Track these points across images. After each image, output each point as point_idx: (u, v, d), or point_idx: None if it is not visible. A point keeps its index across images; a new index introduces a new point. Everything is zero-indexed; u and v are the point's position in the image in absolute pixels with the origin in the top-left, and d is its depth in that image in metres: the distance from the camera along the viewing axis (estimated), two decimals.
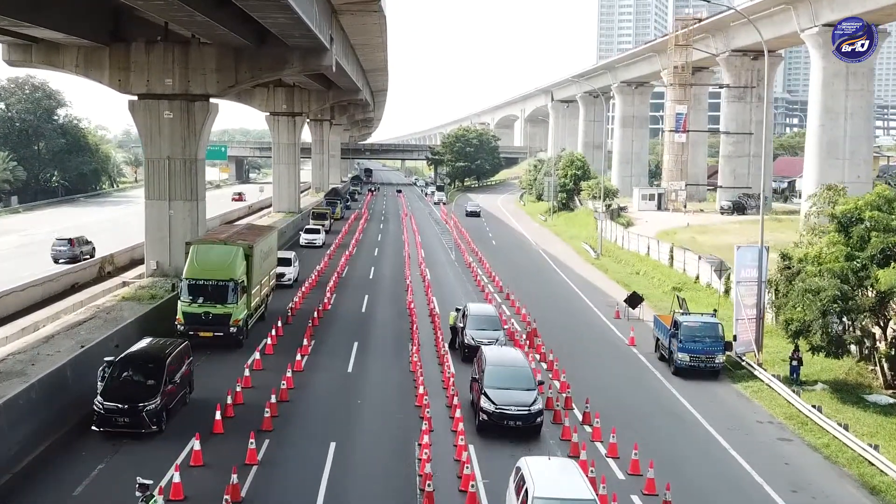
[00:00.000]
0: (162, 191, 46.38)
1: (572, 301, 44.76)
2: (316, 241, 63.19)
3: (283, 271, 43.07)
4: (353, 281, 47.90)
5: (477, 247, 66.61)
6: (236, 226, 39.77)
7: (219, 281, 29.53)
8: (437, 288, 45.66)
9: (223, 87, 46.41)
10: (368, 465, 20.67)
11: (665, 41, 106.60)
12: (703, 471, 21.39)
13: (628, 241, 62.84)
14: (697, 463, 21.91)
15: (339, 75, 69.06)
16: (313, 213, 77.03)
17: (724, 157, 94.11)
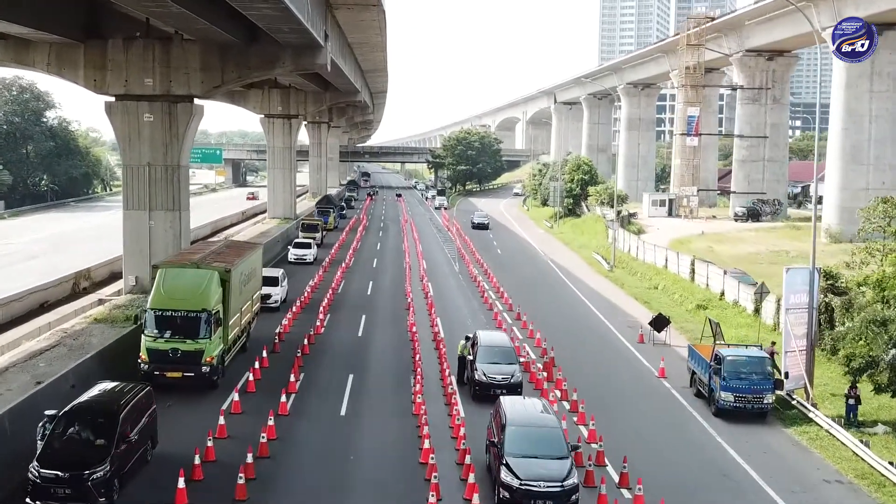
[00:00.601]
0: (141, 200, 42.70)
1: (589, 321, 40.93)
2: (306, 257, 56.31)
3: (269, 292, 38.32)
4: (349, 299, 43.99)
5: (481, 256, 62.81)
6: (213, 243, 35.17)
7: (189, 312, 25.27)
8: (441, 306, 41.85)
9: (208, 88, 42.69)
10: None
11: (675, 41, 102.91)
12: None
13: (643, 251, 59.02)
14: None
15: (336, 75, 65.31)
16: (302, 225, 68.51)
17: (737, 162, 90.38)
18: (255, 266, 32.19)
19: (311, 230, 66.38)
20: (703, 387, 27.29)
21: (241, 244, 32.88)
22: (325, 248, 64.01)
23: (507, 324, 37.99)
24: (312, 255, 57.02)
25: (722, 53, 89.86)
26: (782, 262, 60.41)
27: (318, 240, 64.30)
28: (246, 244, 33.38)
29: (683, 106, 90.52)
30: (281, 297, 40.07)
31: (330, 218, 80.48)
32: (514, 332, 36.03)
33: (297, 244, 58.43)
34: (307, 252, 56.78)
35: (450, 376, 28.39)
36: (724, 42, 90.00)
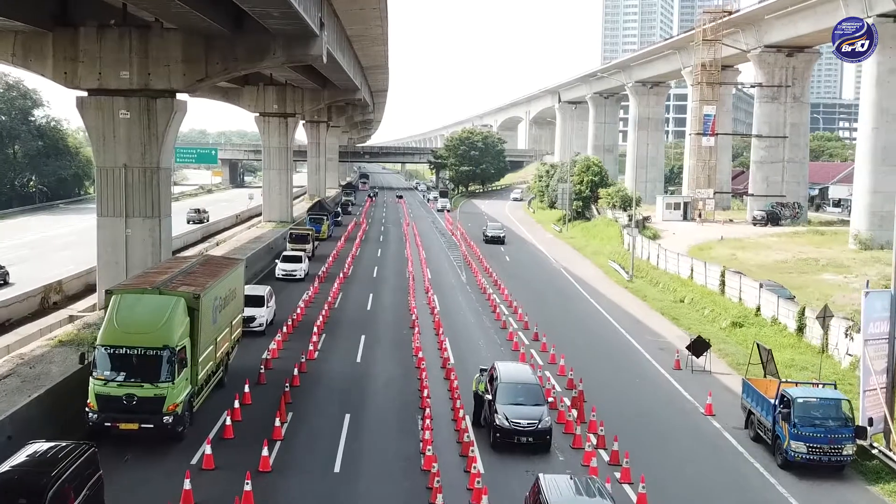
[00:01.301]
0: (117, 206, 38.61)
1: (614, 342, 36.67)
2: (295, 273, 48.99)
3: (252, 314, 33.28)
4: (346, 315, 39.66)
5: (489, 264, 58.61)
6: (186, 259, 30.32)
7: (148, 349, 20.68)
8: (450, 324, 37.63)
9: (191, 82, 38.55)
10: None
11: (688, 37, 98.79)
12: None
13: (665, 259, 54.81)
14: None
15: (333, 70, 61.14)
16: (291, 236, 59.40)
17: (755, 163, 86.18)
18: (236, 285, 27.84)
19: (301, 241, 58.32)
20: (765, 431, 23.07)
21: (218, 260, 28.40)
22: (317, 260, 57.30)
23: (523, 344, 33.75)
24: (303, 269, 49.87)
25: (739, 49, 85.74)
26: (812, 271, 56.29)
27: (310, 252, 57.12)
28: (224, 260, 28.88)
29: (699, 104, 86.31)
30: (267, 319, 34.97)
31: (323, 226, 72.29)
32: (533, 357, 31.73)
33: (285, 258, 50.83)
34: (297, 267, 49.49)
35: (464, 416, 24.17)
36: (741, 37, 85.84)
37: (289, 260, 50.42)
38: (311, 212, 77.70)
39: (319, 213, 76.17)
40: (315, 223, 71.79)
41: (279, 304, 38.21)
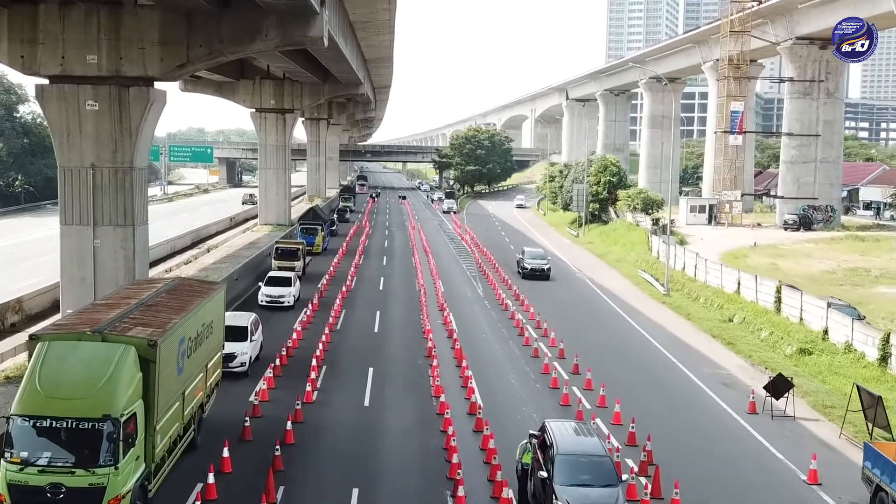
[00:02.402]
0: (83, 213, 33.12)
1: (668, 375, 31.09)
2: (283, 300, 39.78)
3: (232, 351, 26.55)
4: (350, 342, 33.83)
5: (506, 274, 53.13)
6: (152, 284, 23.31)
7: (82, 421, 15.07)
8: (472, 352, 32.07)
9: (169, 67, 33.02)
10: None
11: (709, 30, 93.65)
12: None
13: (704, 270, 49.24)
14: None
15: (334, 60, 55.66)
16: (277, 251, 49.51)
17: (785, 163, 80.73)
18: (213, 317, 22.18)
19: (289, 258, 48.46)
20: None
21: (192, 286, 22.52)
22: (310, 279, 48.22)
23: (565, 384, 28.14)
24: (292, 295, 40.33)
25: (768, 42, 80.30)
26: (866, 283, 50.89)
27: (300, 270, 48.17)
28: (199, 285, 22.95)
29: (726, 100, 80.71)
30: (251, 356, 28.31)
31: (317, 238, 61.75)
32: (582, 402, 26.07)
33: (270, 280, 41.04)
34: (284, 292, 39.97)
35: (505, 492, 18.63)
36: (770, 29, 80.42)
37: (275, 283, 40.73)
38: (303, 221, 66.68)
39: (312, 223, 65.02)
40: (307, 235, 61.65)
41: (266, 333, 31.96)
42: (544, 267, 53.11)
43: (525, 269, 53.24)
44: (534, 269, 52.85)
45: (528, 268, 52.96)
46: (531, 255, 54.77)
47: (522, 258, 54.82)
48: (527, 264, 53.41)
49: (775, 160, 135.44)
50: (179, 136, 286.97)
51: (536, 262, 53.59)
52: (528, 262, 53.65)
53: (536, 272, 52.69)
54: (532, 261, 53.69)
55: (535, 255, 55.27)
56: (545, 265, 53.34)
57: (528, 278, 52.09)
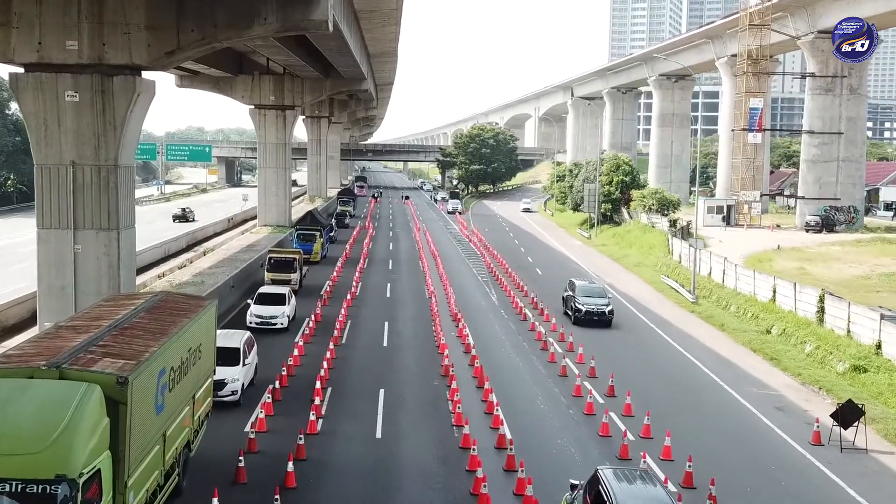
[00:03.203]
0: (63, 215, 30.02)
1: (712, 396, 27.87)
2: (275, 321, 34.19)
3: (223, 377, 22.94)
4: (357, 360, 30.31)
5: (520, 278, 50.00)
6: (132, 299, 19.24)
7: (28, 484, 11.77)
8: (493, 371, 28.89)
9: (157, 55, 29.86)
10: None
11: (724, 24, 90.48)
12: None
13: (734, 276, 46.02)
14: None
15: (338, 51, 52.54)
16: (270, 262, 43.91)
17: (806, 162, 77.39)
18: (203, 339, 18.96)
19: (284, 269, 42.93)
20: None
21: (176, 302, 19.12)
22: (309, 292, 43.10)
23: (603, 412, 24.96)
24: (286, 314, 34.59)
25: (788, 36, 76.98)
26: None
27: (297, 283, 42.85)
28: (186, 301, 19.54)
29: (745, 97, 77.45)
30: (244, 382, 24.39)
31: (315, 245, 55.45)
32: (627, 435, 22.82)
33: (261, 297, 35.35)
34: (277, 311, 34.36)
35: None
36: (790, 22, 77.13)
37: (266, 300, 35.01)
38: (300, 226, 59.33)
39: (310, 229, 57.87)
40: (304, 242, 55.19)
41: (262, 352, 28.15)
42: (605, 309, 37.72)
43: (578, 313, 37.87)
44: (590, 311, 37.61)
45: (583, 310, 37.68)
46: (585, 292, 39.15)
47: (573, 296, 38.99)
48: (580, 304, 38.03)
49: (786, 159, 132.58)
50: (179, 135, 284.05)
51: (594, 302, 38.15)
52: (581, 301, 38.19)
53: (595, 316, 37.52)
54: (588, 300, 38.21)
55: (591, 290, 39.46)
56: (606, 306, 37.96)
57: (583, 324, 37.46)
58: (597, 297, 38.67)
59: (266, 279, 42.60)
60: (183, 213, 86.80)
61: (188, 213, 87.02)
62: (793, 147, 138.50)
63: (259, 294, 35.85)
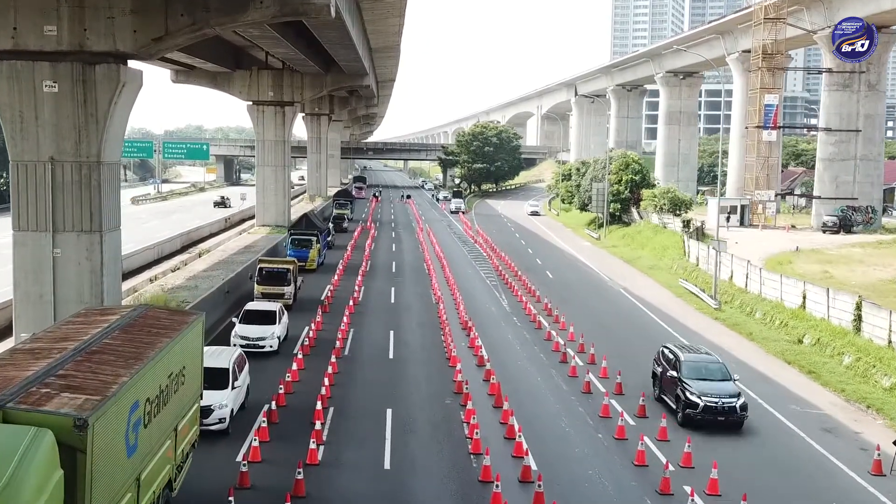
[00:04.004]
0: (41, 216, 27.60)
1: (750, 414, 25.35)
2: (263, 343, 29.57)
3: (209, 403, 20.13)
4: (361, 374, 27.67)
5: (530, 281, 47.58)
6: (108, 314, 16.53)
7: None
8: (510, 385, 26.46)
9: (144, 41, 27.40)
10: None
11: (735, 20, 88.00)
12: None
13: (759, 280, 43.51)
14: None
15: (340, 41, 50.10)
16: (260, 274, 38.55)
17: (822, 161, 74.95)
18: (188, 360, 16.42)
19: (276, 281, 38.04)
20: None
21: (158, 318, 16.40)
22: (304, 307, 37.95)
23: (636, 435, 22.50)
24: (276, 335, 30.00)
25: (804, 30, 74.52)
26: None
27: (290, 296, 37.95)
28: (169, 316, 16.83)
29: (759, 93, 74.91)
30: (233, 408, 21.59)
31: (311, 251, 50.21)
32: (668, 467, 20.40)
33: (247, 315, 30.70)
34: (266, 332, 29.75)
35: None
36: (805, 16, 74.68)
37: (253, 318, 30.36)
38: (294, 230, 53.27)
39: (306, 234, 52.00)
40: (299, 248, 50.03)
41: (255, 370, 25.30)
42: (735, 403, 23.60)
43: (692, 408, 23.54)
44: (712, 407, 23.39)
45: (700, 404, 23.43)
46: (697, 370, 24.79)
47: (677, 378, 24.61)
48: (694, 394, 23.72)
49: (795, 158, 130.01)
50: (178, 134, 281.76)
51: (715, 389, 23.89)
52: (694, 388, 23.87)
53: (719, 416, 23.47)
54: (705, 387, 23.91)
55: (707, 368, 25.07)
56: (736, 398, 23.77)
57: (700, 424, 23.39)
58: (718, 381, 24.30)
59: (255, 293, 37.82)
60: (222, 199, 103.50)
61: (226, 200, 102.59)
62: (800, 145, 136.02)
63: (245, 311, 31.11)
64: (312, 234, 51.90)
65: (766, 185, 75.87)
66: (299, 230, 52.89)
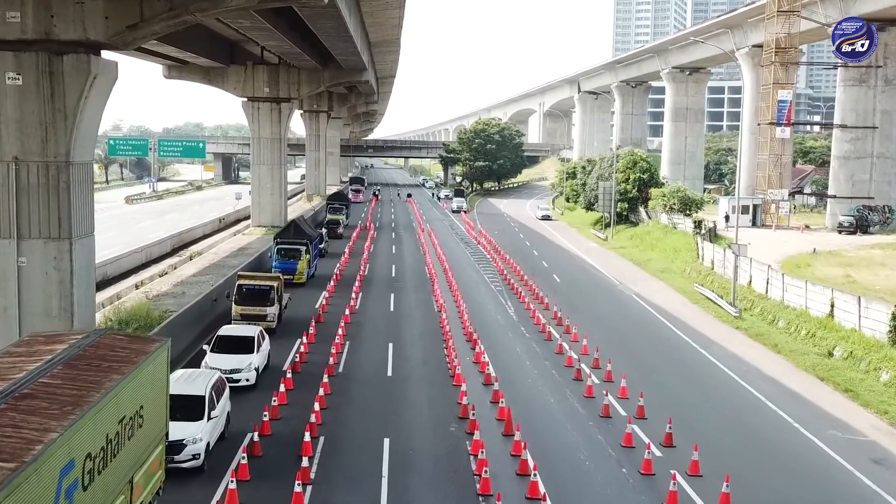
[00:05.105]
0: (4, 222, 25.28)
1: (787, 441, 22.85)
2: (237, 376, 25.05)
3: (181, 438, 17.77)
4: (355, 396, 25.07)
5: (536, 286, 45.11)
6: (55, 342, 13.91)
7: None
8: (518, 404, 24.04)
9: (118, 29, 24.96)
10: None
11: (746, 13, 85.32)
12: None
13: (781, 286, 40.97)
14: None
15: (336, 33, 47.58)
16: (239, 291, 33.38)
17: (837, 159, 72.39)
18: (149, 396, 13.82)
19: (257, 301, 33.01)
20: None
21: (112, 347, 13.67)
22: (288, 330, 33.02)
23: (655, 457, 20.02)
24: (255, 366, 25.76)
25: (818, 23, 71.90)
26: None
27: (274, 317, 32.92)
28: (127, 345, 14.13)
29: (772, 88, 72.32)
30: (209, 442, 18.94)
31: (299, 263, 44.82)
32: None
33: (220, 342, 26.56)
34: (242, 363, 25.48)
35: None
36: (819, 9, 72.09)
37: (227, 346, 26.16)
38: (281, 239, 47.06)
39: (294, 243, 46.31)
40: (285, 260, 44.87)
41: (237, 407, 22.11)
42: None
43: None
44: None
45: None
46: None
47: None
48: None
49: (803, 155, 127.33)
50: (176, 131, 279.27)
51: None
52: None
53: None
54: None
55: None
56: None
57: None
58: None
59: (233, 314, 32.74)
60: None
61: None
62: (807, 142, 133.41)
63: (218, 337, 26.80)
64: (301, 243, 46.17)
65: (779, 183, 73.33)
66: (286, 238, 46.97)
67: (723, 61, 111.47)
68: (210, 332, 31.41)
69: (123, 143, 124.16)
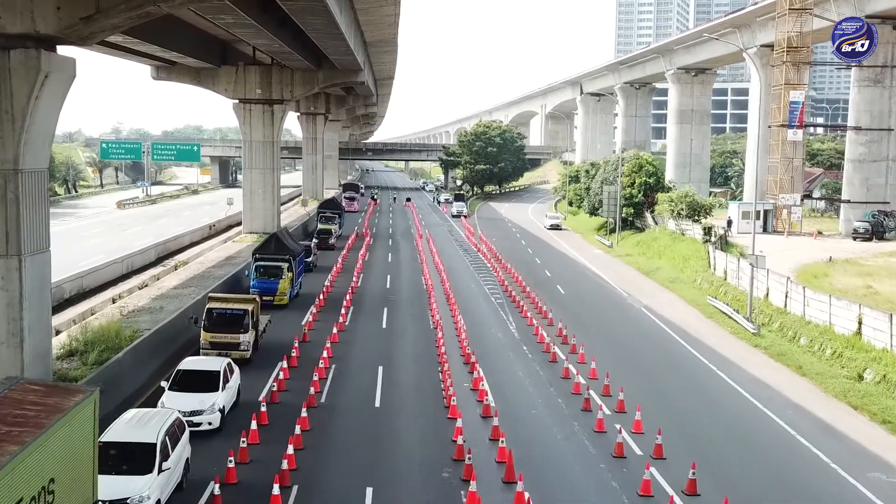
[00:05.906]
0: None
1: (826, 486, 20.13)
2: (198, 419, 21.66)
3: (126, 495, 15.19)
4: (339, 434, 22.19)
5: (539, 299, 42.42)
6: None
7: None
8: (521, 442, 21.49)
9: (71, 21, 22.31)
10: None
11: (755, 11, 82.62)
12: None
13: (802, 300, 38.19)
14: None
15: (326, 30, 44.95)
16: (209, 316, 29.53)
17: (852, 162, 69.74)
18: (63, 466, 11.14)
19: (229, 327, 29.21)
20: None
21: (22, 404, 10.99)
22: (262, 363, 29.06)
23: None
24: (218, 406, 22.33)
25: (831, 21, 69.18)
26: None
27: (248, 346, 29.16)
28: (40, 401, 11.62)
29: (783, 89, 69.59)
30: (159, 500, 16.16)
31: (281, 283, 39.99)
32: None
33: (180, 377, 23.14)
34: (204, 404, 22.13)
35: None
36: (832, 7, 69.47)
37: (188, 383, 22.83)
38: (260, 254, 41.76)
39: (274, 259, 41.10)
40: (264, 279, 40.06)
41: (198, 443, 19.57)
42: None
43: None
44: None
45: None
46: None
47: None
48: None
49: (811, 158, 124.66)
50: (175, 134, 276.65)
51: None
52: None
53: None
54: None
55: None
56: None
57: None
58: None
59: (202, 341, 29.01)
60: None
61: None
62: (814, 145, 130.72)
63: (178, 372, 23.30)
64: (283, 259, 41.00)
65: (791, 188, 70.62)
66: (266, 254, 41.65)
67: (730, 62, 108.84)
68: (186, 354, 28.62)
69: (116, 146, 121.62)
